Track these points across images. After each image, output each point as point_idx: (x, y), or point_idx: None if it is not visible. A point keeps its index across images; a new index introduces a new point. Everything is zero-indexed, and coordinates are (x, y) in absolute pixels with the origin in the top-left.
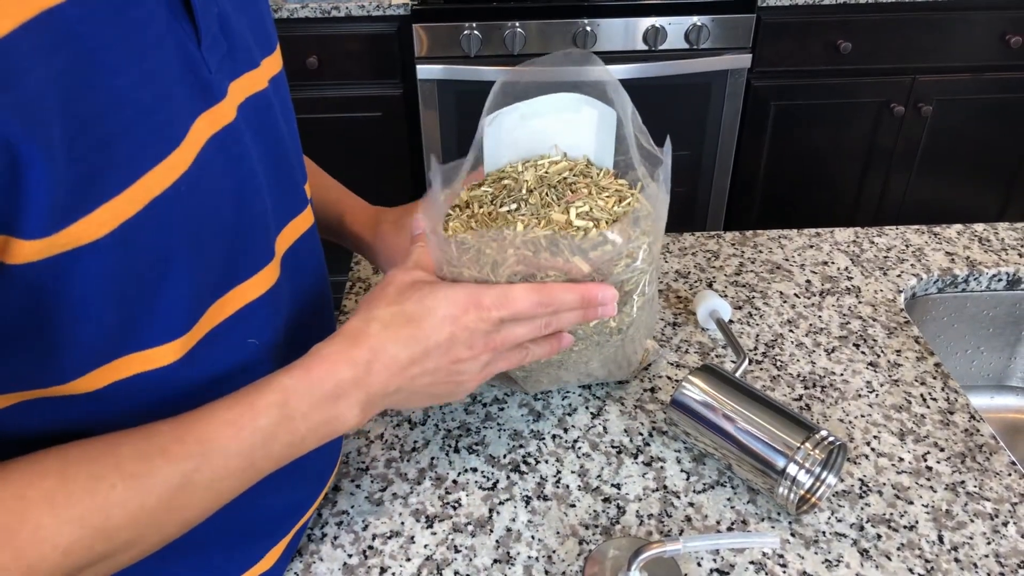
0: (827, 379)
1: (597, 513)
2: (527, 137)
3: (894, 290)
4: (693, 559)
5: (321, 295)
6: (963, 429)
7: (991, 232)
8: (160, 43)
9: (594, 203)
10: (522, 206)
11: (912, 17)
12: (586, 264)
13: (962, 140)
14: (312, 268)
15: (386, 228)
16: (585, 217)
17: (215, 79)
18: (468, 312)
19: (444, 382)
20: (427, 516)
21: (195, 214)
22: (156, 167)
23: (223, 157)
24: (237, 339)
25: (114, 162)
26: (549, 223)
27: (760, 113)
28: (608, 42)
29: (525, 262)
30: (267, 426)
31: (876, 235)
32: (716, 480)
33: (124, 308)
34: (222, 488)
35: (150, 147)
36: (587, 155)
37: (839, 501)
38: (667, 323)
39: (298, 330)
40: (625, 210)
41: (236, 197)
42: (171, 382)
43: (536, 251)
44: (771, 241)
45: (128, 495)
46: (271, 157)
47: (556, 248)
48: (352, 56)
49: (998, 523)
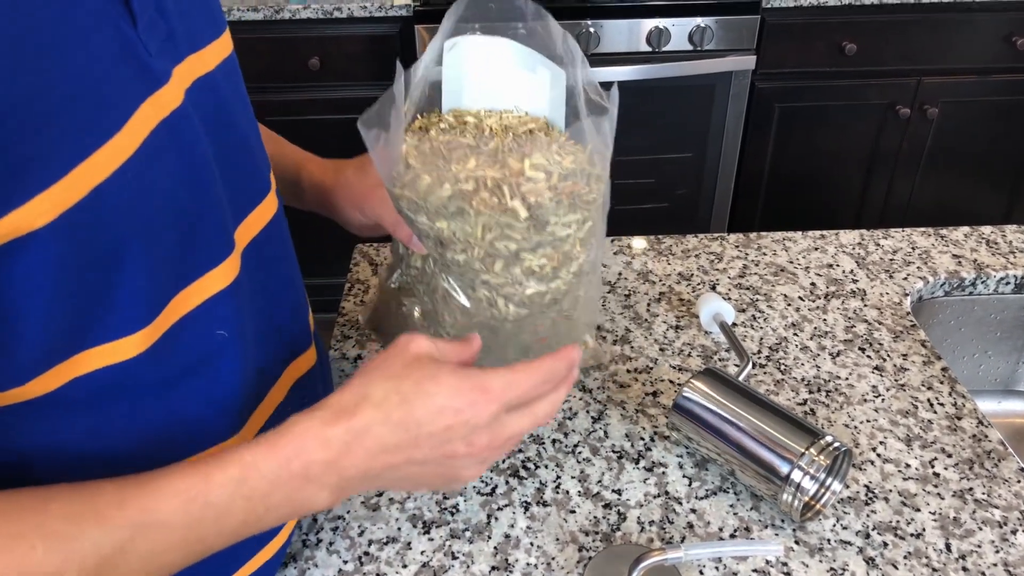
0: (832, 383)
1: (597, 519)
2: (488, 85)
3: (900, 293)
4: (695, 567)
5: (291, 287)
6: (971, 435)
7: (999, 234)
8: (94, 24)
9: (551, 157)
10: (480, 145)
11: (918, 18)
12: (524, 209)
13: (968, 142)
14: (279, 259)
15: (349, 172)
16: (539, 169)
17: (156, 62)
18: (474, 404)
19: (435, 475)
20: (424, 522)
21: (146, 201)
22: (96, 152)
23: (173, 143)
24: (204, 331)
25: (50, 148)
26: (503, 167)
27: (764, 115)
28: (612, 43)
29: (461, 196)
30: (221, 502)
31: (882, 237)
32: (719, 486)
33: (76, 300)
34: (162, 562)
35: (88, 131)
36: (545, 116)
37: (844, 508)
38: (669, 326)
39: (268, 323)
40: (576, 168)
41: (190, 184)
42: (137, 376)
43: (477, 189)
44: (775, 243)
45: (48, 558)
46: (224, 144)
47: (499, 191)
48: (354, 57)
49: (1007, 531)
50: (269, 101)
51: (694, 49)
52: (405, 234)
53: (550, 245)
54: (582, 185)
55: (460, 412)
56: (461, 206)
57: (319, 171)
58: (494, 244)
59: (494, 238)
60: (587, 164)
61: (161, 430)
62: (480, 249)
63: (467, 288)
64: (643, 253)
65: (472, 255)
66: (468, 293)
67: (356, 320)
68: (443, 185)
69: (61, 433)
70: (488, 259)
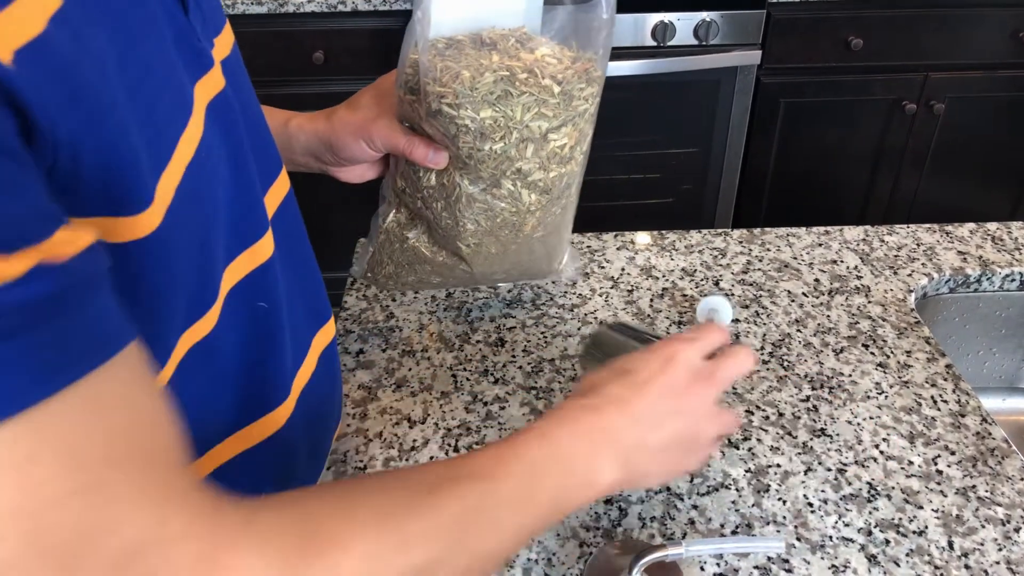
0: (835, 380)
1: (598, 515)
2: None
3: (905, 290)
4: (696, 563)
5: (310, 259)
6: (974, 432)
7: (1004, 231)
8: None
9: (554, 47)
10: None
11: (925, 13)
12: (556, 85)
13: (975, 138)
14: (298, 233)
15: (342, 112)
16: (550, 56)
17: (204, 47)
18: (672, 358)
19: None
20: None
21: (212, 182)
22: (183, 134)
23: (220, 123)
24: (250, 302)
25: (159, 130)
26: (524, 60)
27: (769, 110)
28: (616, 38)
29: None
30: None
31: (887, 233)
32: (721, 482)
33: (200, 274)
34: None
35: (176, 115)
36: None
37: (847, 505)
38: (672, 322)
39: (298, 294)
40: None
41: (234, 163)
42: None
43: (512, 75)
44: (779, 239)
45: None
46: (248, 122)
47: (532, 72)
48: (358, 51)
49: (1010, 529)
50: (272, 95)
51: (699, 44)
52: (421, 152)
53: (571, 122)
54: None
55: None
56: (507, 89)
57: (308, 122)
58: (529, 125)
59: (531, 119)
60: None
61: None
62: (517, 132)
63: (492, 187)
64: (646, 249)
65: (509, 141)
66: (493, 192)
67: (359, 314)
68: (484, 75)
69: None
70: (522, 144)
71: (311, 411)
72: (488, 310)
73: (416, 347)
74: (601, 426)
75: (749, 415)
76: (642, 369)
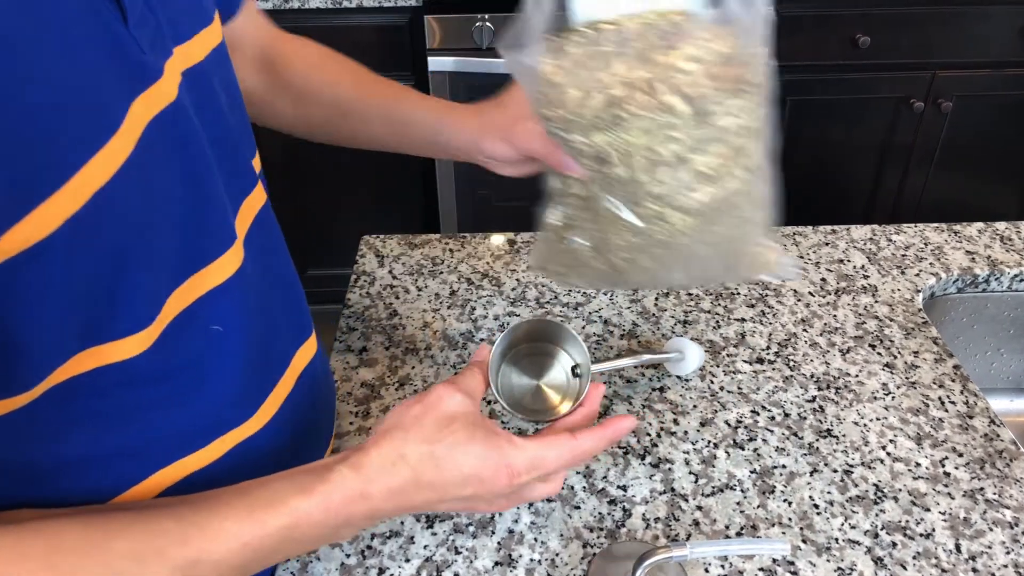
0: (841, 380)
1: (602, 516)
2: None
3: (912, 289)
4: (700, 565)
5: (289, 275)
6: (982, 434)
7: (1013, 231)
8: (84, 25)
9: (701, 44)
10: (623, 49)
11: (932, 11)
12: (682, 103)
13: (983, 137)
14: (273, 247)
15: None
16: (691, 60)
17: (148, 59)
18: (497, 478)
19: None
20: (427, 516)
21: (146, 201)
22: (94, 157)
23: (168, 138)
24: (202, 326)
25: (48, 158)
26: (653, 66)
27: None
28: None
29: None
30: (271, 546)
31: (894, 233)
32: (725, 483)
33: (83, 308)
34: None
35: (84, 138)
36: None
37: (853, 507)
38: (677, 321)
39: (271, 312)
40: (731, 51)
41: (189, 179)
42: (139, 372)
43: (629, 93)
44: (785, 238)
45: None
46: (215, 134)
47: (653, 90)
48: (363, 48)
49: (1018, 532)
50: None
51: None
52: (559, 160)
53: (717, 140)
54: (743, 67)
55: (484, 483)
56: (616, 113)
57: (459, 123)
58: (655, 149)
59: (655, 142)
60: (742, 44)
61: (166, 424)
62: (641, 158)
63: (632, 205)
64: None
65: (634, 166)
66: (634, 210)
67: (362, 312)
68: (591, 96)
69: (66, 433)
70: (651, 168)
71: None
72: (492, 308)
73: (419, 345)
74: (367, 513)
75: (755, 415)
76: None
